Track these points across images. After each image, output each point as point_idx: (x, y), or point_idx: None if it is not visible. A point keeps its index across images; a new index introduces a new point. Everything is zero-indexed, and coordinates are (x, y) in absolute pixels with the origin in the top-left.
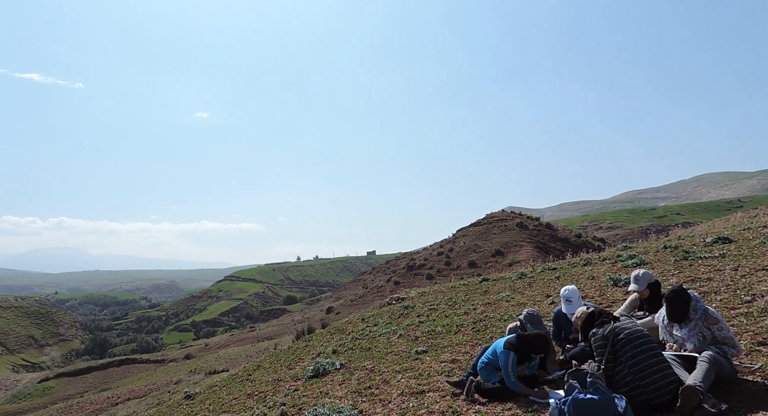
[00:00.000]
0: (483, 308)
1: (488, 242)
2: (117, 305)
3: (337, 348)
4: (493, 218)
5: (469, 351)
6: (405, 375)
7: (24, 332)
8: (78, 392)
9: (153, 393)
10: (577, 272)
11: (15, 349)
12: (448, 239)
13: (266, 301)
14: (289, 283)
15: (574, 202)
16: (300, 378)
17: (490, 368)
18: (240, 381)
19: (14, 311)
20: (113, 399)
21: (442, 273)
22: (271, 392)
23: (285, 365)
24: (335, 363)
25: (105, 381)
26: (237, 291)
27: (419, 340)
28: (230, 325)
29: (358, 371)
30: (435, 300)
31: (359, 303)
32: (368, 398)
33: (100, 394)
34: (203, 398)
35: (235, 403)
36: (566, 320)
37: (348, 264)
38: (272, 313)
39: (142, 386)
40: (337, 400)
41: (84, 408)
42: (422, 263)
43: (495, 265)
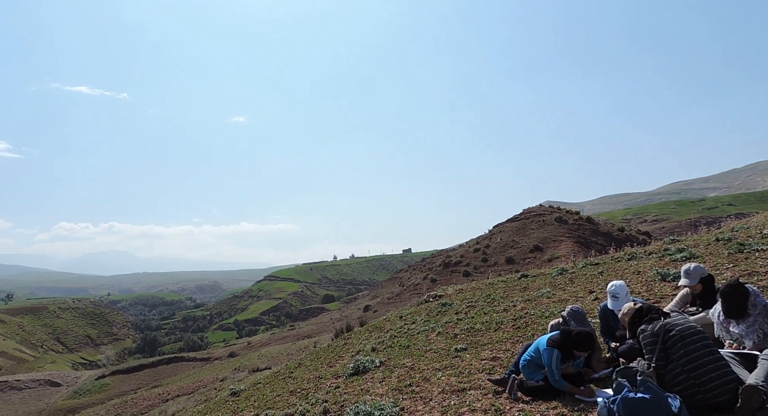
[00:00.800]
0: (523, 305)
1: (526, 238)
2: (164, 306)
3: (376, 345)
4: (530, 213)
5: (510, 349)
6: (445, 372)
7: (81, 332)
8: (131, 388)
9: (200, 390)
10: (621, 267)
11: (74, 348)
12: (484, 235)
13: (305, 300)
14: (326, 282)
15: (615, 195)
16: (340, 375)
17: (533, 366)
18: (282, 379)
19: (72, 312)
20: (164, 395)
21: (478, 270)
22: (313, 389)
23: (325, 363)
24: (375, 361)
25: (156, 378)
26: (276, 291)
27: (458, 338)
28: (271, 324)
29: (398, 368)
30: (473, 297)
31: (396, 301)
32: (409, 395)
33: (151, 391)
34: (248, 395)
35: (278, 400)
36: (613, 316)
37: (384, 262)
38: (311, 312)
39: (190, 383)
40: (378, 397)
41: (138, 404)
42: (458, 260)
43: (533, 261)
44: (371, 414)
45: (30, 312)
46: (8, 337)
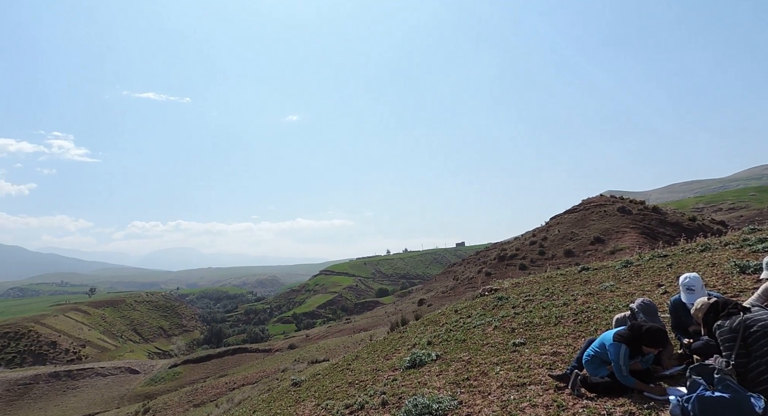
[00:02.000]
0: (584, 298)
1: (586, 230)
2: (228, 299)
3: (432, 339)
4: (590, 203)
5: (571, 344)
6: (503, 367)
7: (155, 323)
8: (201, 377)
9: (263, 380)
10: (693, 259)
11: (149, 338)
12: (541, 227)
13: (359, 294)
14: (380, 276)
15: (685, 182)
16: (397, 368)
17: (597, 361)
18: (341, 371)
19: (146, 305)
20: (230, 384)
21: (535, 263)
22: (371, 381)
23: (382, 355)
24: (431, 354)
25: (222, 367)
26: (332, 285)
27: (516, 332)
28: (327, 317)
29: (455, 362)
30: (530, 291)
31: (450, 295)
32: (467, 389)
33: (219, 380)
34: (308, 385)
35: (337, 391)
36: (685, 310)
37: (437, 256)
38: (366, 305)
39: (253, 373)
40: (436, 390)
41: (207, 392)
42: (514, 253)
43: (595, 253)
44: (429, 406)
45: (110, 304)
46: (93, 327)
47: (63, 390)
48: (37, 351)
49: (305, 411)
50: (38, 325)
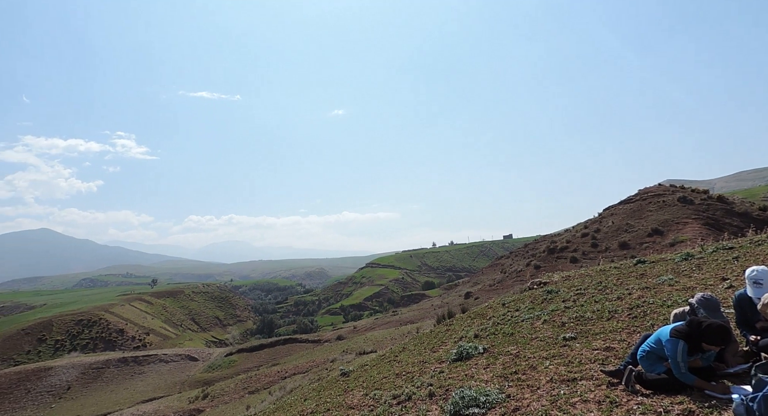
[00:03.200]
0: (640, 292)
1: (642, 221)
2: (278, 291)
3: (479, 332)
4: (647, 193)
5: (625, 339)
6: (553, 361)
7: (211, 313)
8: (254, 365)
9: (313, 370)
10: (762, 251)
11: (206, 327)
12: (593, 219)
13: (405, 286)
14: (426, 269)
15: (755, 170)
16: (444, 360)
17: (653, 357)
18: (388, 362)
19: (203, 296)
20: (282, 373)
21: (587, 256)
22: (418, 373)
23: (428, 348)
24: (478, 348)
25: (274, 357)
26: (378, 277)
27: (566, 326)
28: (374, 309)
29: (502, 356)
30: (582, 285)
31: (498, 288)
32: (515, 383)
33: (271, 368)
34: (356, 375)
35: (385, 381)
36: (752, 305)
37: (484, 249)
38: (412, 298)
39: (304, 362)
40: (483, 383)
41: (260, 380)
42: (564, 245)
43: (652, 246)
44: (476, 399)
45: (170, 295)
46: (155, 316)
47: (131, 375)
48: (107, 338)
49: (353, 400)
50: (107, 314)
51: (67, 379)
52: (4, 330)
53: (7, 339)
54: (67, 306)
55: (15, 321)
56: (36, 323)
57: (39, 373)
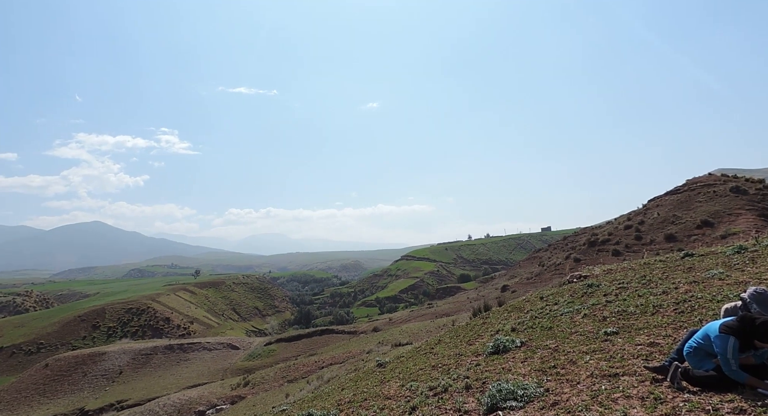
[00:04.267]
0: (687, 287)
1: (691, 212)
2: (315, 283)
3: (516, 326)
4: (695, 183)
5: (671, 334)
6: (593, 356)
7: (251, 304)
8: (293, 355)
9: (350, 360)
10: None
11: (246, 317)
12: (637, 210)
13: (441, 279)
14: (461, 262)
15: None
16: (480, 353)
17: (701, 354)
18: (424, 354)
19: (243, 286)
20: (319, 363)
21: (630, 249)
22: (454, 365)
23: (465, 340)
24: (515, 341)
25: (311, 347)
26: (413, 270)
27: (608, 321)
28: (409, 302)
29: (541, 350)
30: (624, 278)
31: (535, 282)
32: (554, 377)
33: (309, 358)
34: (393, 367)
35: (421, 373)
36: None
37: (521, 242)
38: (447, 291)
39: (340, 353)
40: (521, 377)
41: (299, 369)
42: (606, 238)
43: (701, 238)
44: (514, 392)
45: (212, 285)
46: (199, 306)
47: (177, 361)
48: (154, 326)
49: (390, 391)
50: (155, 303)
51: (119, 364)
52: (63, 317)
53: (65, 325)
54: (118, 295)
55: (72, 308)
56: (90, 310)
57: (94, 357)
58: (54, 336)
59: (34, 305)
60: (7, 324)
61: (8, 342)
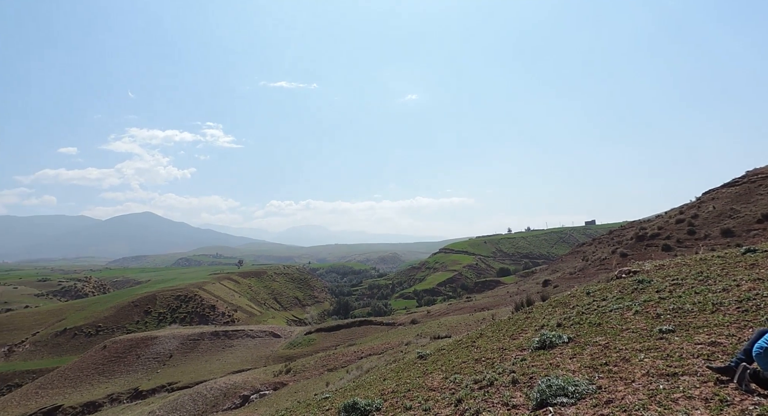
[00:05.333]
0: (750, 284)
1: (751, 206)
2: (353, 274)
3: (562, 321)
4: (757, 175)
5: (735, 334)
6: (648, 354)
7: (291, 294)
8: (332, 344)
9: (389, 351)
10: None
11: (287, 307)
12: (690, 203)
13: (479, 273)
14: (501, 255)
15: None
16: (525, 348)
17: None
18: (466, 347)
19: (284, 277)
20: (358, 353)
21: (683, 244)
22: (498, 359)
23: (507, 335)
24: (562, 337)
25: (350, 337)
26: (451, 263)
27: (662, 318)
28: (447, 295)
29: (590, 346)
30: (678, 274)
31: (579, 277)
32: (606, 374)
33: (348, 348)
34: (434, 359)
35: (464, 366)
36: None
37: (563, 236)
38: (486, 284)
39: (379, 344)
40: (570, 373)
41: (338, 358)
42: (656, 232)
43: (762, 233)
44: (564, 388)
45: (255, 275)
46: (242, 295)
47: (222, 347)
48: (201, 313)
49: (433, 382)
50: (201, 291)
51: (169, 348)
52: (118, 302)
53: (120, 310)
54: (167, 283)
55: (126, 294)
56: (143, 296)
57: (147, 341)
58: (110, 320)
59: (92, 291)
60: (70, 308)
61: (71, 324)
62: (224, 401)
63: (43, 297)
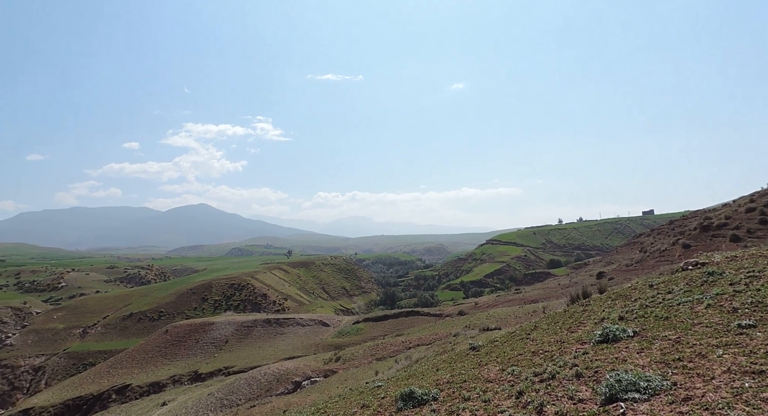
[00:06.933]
0: None
1: None
2: (399, 265)
3: (624, 314)
4: None
5: None
6: (728, 350)
7: (339, 284)
8: (380, 334)
9: (437, 342)
10: None
11: (334, 296)
12: (762, 191)
13: (528, 264)
14: (551, 246)
15: None
16: (586, 341)
17: None
18: (520, 339)
19: (331, 267)
20: (406, 343)
21: (754, 234)
22: (557, 352)
23: (565, 327)
24: (627, 330)
25: (398, 327)
26: (499, 254)
27: (740, 312)
28: (495, 286)
29: (658, 340)
30: (754, 266)
31: (636, 269)
32: (680, 370)
33: (396, 338)
34: (487, 350)
35: (520, 359)
36: None
37: (619, 226)
38: (536, 276)
39: (427, 335)
40: (640, 368)
41: (386, 348)
42: (723, 222)
43: None
44: (636, 383)
45: (303, 265)
46: (291, 284)
47: (274, 335)
48: (253, 301)
49: (490, 374)
50: (253, 279)
51: (225, 334)
52: (178, 288)
53: (180, 296)
54: (222, 272)
55: (185, 282)
56: (200, 284)
57: (205, 327)
58: (171, 306)
59: (154, 278)
60: (135, 294)
61: (136, 309)
62: (277, 386)
63: (111, 283)
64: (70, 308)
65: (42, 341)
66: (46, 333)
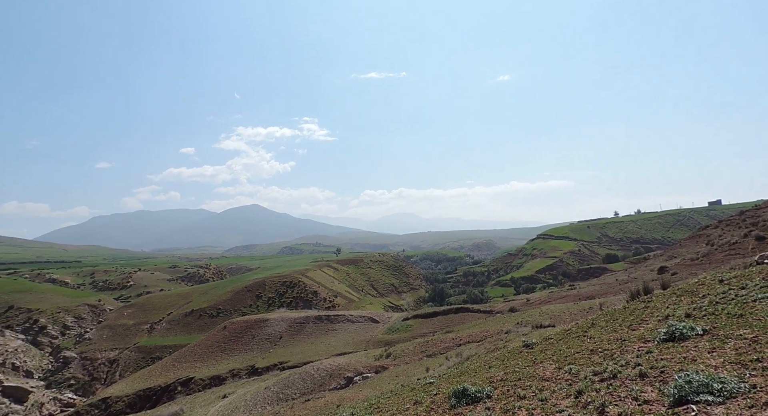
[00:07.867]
0: None
1: None
2: (447, 261)
3: (691, 311)
4: None
5: None
6: None
7: (387, 281)
8: (429, 331)
9: (488, 339)
10: None
11: (383, 293)
12: None
13: (583, 259)
14: (607, 240)
15: None
16: (649, 340)
17: None
18: (576, 337)
19: (379, 264)
20: (456, 340)
21: None
22: (618, 351)
23: (625, 325)
24: (695, 328)
25: (447, 324)
26: (551, 249)
27: None
28: (547, 282)
29: (732, 339)
30: None
31: (703, 263)
32: (759, 372)
33: (446, 335)
34: (542, 348)
35: (578, 357)
36: None
37: (681, 218)
38: (591, 272)
39: (477, 332)
40: (712, 369)
41: (437, 345)
42: None
43: None
44: (708, 385)
45: (352, 262)
46: (341, 281)
47: (325, 331)
48: (304, 298)
49: (546, 372)
50: (304, 277)
51: (278, 330)
52: (234, 286)
53: (236, 294)
54: (274, 270)
55: (240, 280)
56: (254, 282)
57: (260, 323)
58: (228, 303)
59: (212, 276)
60: (195, 291)
61: (197, 306)
62: (330, 381)
63: (174, 282)
64: (138, 305)
65: (115, 336)
66: (119, 328)
